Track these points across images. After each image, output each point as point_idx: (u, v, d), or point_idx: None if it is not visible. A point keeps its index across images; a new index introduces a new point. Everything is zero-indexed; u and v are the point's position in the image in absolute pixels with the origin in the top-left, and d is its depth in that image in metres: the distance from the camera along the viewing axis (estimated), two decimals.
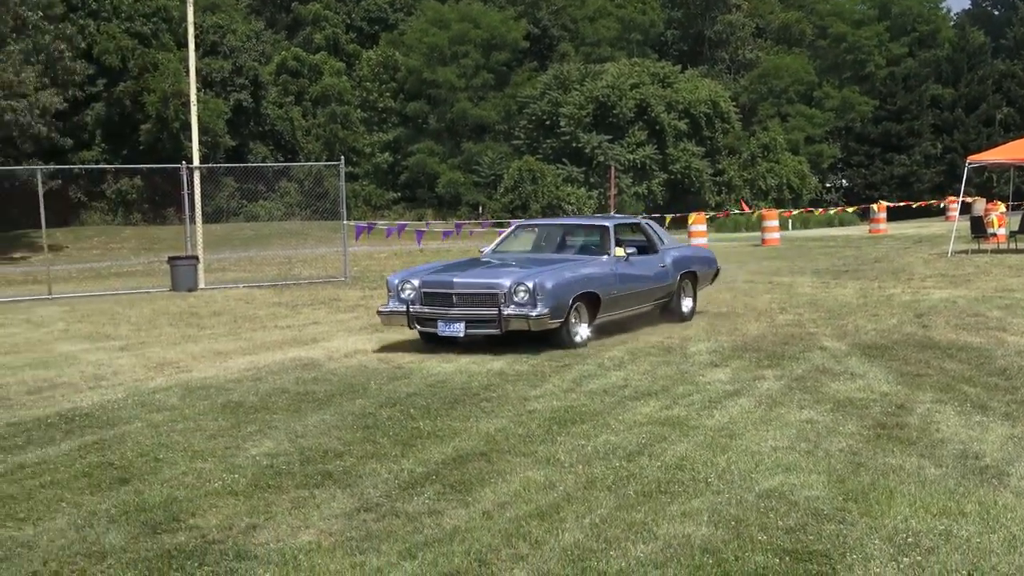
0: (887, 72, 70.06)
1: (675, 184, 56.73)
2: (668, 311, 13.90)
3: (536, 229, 15.20)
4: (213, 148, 48.28)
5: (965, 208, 27.53)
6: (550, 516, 6.02)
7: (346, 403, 9.39)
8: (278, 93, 60.19)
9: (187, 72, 28.59)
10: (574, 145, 56.31)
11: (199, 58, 34.33)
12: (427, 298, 11.69)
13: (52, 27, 43.86)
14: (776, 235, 31.39)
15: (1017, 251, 23.90)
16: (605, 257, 12.85)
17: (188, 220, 24.91)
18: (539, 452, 7.46)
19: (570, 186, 54.40)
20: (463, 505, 6.34)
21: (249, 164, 50.71)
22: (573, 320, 11.77)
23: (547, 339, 11.99)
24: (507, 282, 11.37)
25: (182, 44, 42.07)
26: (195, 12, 27.38)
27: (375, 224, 34.11)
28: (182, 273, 23.22)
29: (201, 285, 23.23)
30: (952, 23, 79.24)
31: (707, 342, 12.23)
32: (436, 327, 11.84)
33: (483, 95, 62.71)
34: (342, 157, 36.05)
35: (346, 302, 19.09)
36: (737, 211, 44.42)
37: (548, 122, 57.80)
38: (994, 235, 24.78)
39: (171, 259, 24.12)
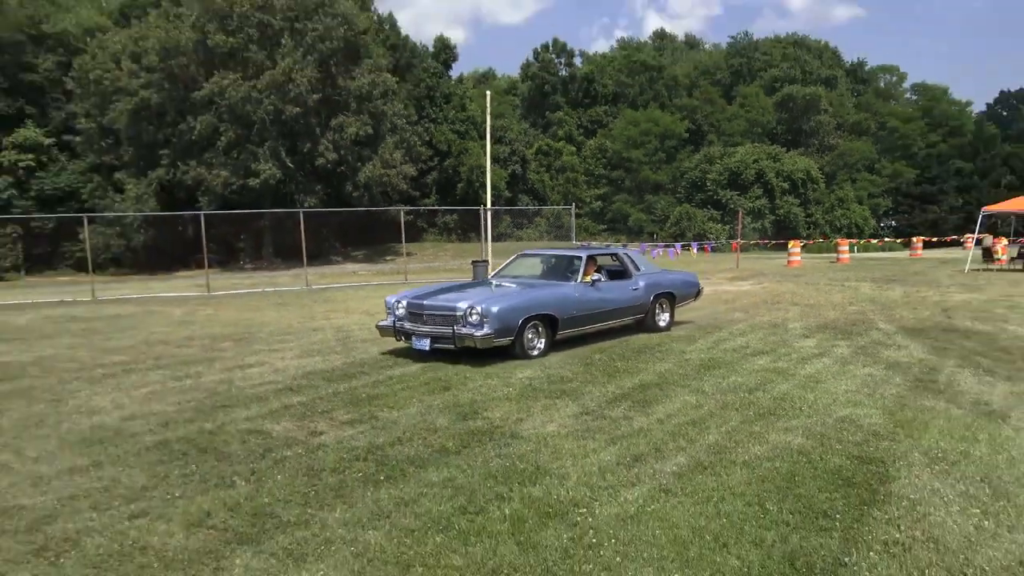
0: (925, 152, 65.27)
1: (779, 222, 54.25)
2: (644, 325, 10.90)
3: (531, 257, 11.82)
4: (497, 198, 49.41)
5: (979, 242, 25.66)
6: (699, 425, 6.04)
7: (573, 349, 9.53)
8: (536, 165, 60.93)
9: (485, 153, 29.37)
10: (714, 198, 54.81)
11: (492, 144, 35.33)
12: (409, 316, 9.51)
13: (410, 127, 45.99)
14: (847, 255, 29.66)
15: (1015, 271, 22.16)
16: (572, 283, 10.00)
17: (483, 239, 25.66)
18: (692, 385, 7.45)
19: (711, 223, 53.03)
20: (644, 415, 6.40)
21: (517, 207, 51.67)
22: (530, 336, 9.09)
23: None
24: (463, 306, 8.88)
25: (482, 137, 43.50)
26: (490, 119, 28.17)
27: (586, 244, 34.62)
28: (479, 270, 23.85)
29: (491, 277, 23.85)
30: (973, 119, 72.65)
31: (800, 322, 11.75)
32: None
33: (659, 166, 61.71)
34: (572, 204, 36.20)
35: None
36: (819, 239, 42.96)
37: (699, 183, 56.45)
38: (999, 259, 23.55)
39: (473, 261, 24.84)
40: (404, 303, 9.62)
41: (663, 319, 11.16)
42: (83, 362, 9.90)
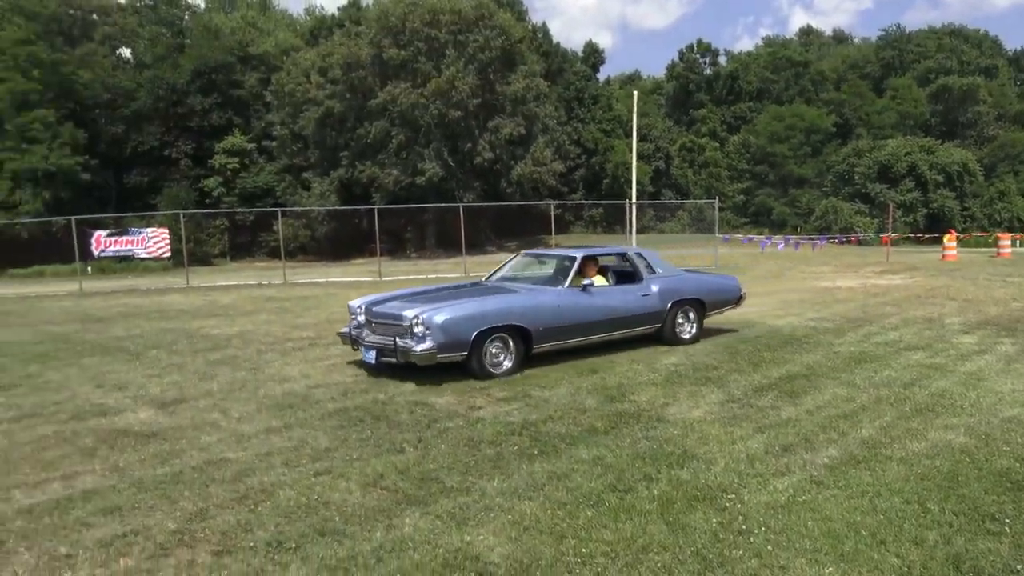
0: None
1: (932, 216, 49.58)
2: (663, 336, 8.70)
3: (529, 258, 9.81)
4: (641, 192, 48.47)
5: None
6: (851, 418, 5.57)
7: (718, 338, 9.13)
8: (680, 161, 59.23)
9: (630, 150, 28.86)
10: (863, 191, 50.89)
11: (637, 142, 34.55)
12: (365, 323, 7.80)
13: (560, 127, 46.04)
14: (1008, 250, 26.62)
15: None
16: (555, 289, 8.01)
17: (628, 231, 25.24)
18: (842, 377, 6.90)
19: (859, 216, 49.28)
20: (792, 405, 6.00)
21: (660, 201, 50.44)
22: (494, 351, 7.24)
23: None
24: (410, 314, 7.06)
25: (627, 135, 42.85)
26: (636, 118, 27.60)
27: (729, 236, 33.18)
28: None
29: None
30: None
31: (959, 317, 10.55)
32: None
33: (804, 160, 58.16)
34: (716, 197, 34.88)
35: None
36: (976, 234, 38.82)
37: (846, 176, 52.59)
38: None
39: None
40: (364, 307, 7.92)
41: (687, 330, 8.87)
42: (276, 336, 10.60)
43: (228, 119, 44.71)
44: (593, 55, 58.55)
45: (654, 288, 8.64)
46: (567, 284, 8.04)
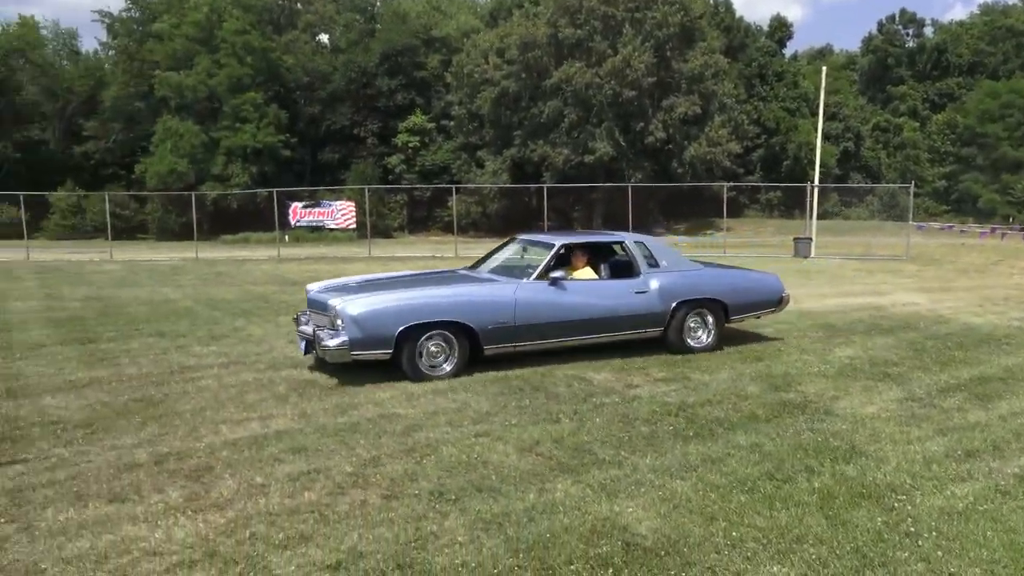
0: None
1: None
2: (667, 342, 7.34)
3: (517, 244, 8.05)
4: (825, 175, 45.32)
5: None
6: None
7: (902, 333, 8.48)
8: (872, 142, 54.69)
9: (816, 130, 27.11)
10: None
11: (824, 121, 32.27)
12: (309, 309, 6.95)
13: (739, 106, 44.06)
14: None
15: None
16: (518, 281, 6.83)
17: (808, 216, 23.86)
18: None
19: None
20: (983, 409, 5.49)
21: (847, 185, 46.90)
22: (433, 350, 6.29)
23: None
24: (336, 303, 6.18)
25: (813, 114, 40.18)
26: (824, 95, 25.85)
27: (925, 225, 30.20)
28: (801, 246, 22.32)
29: (812, 256, 22.11)
30: None
31: None
32: None
33: (1021, 142, 51.58)
34: (911, 182, 31.91)
35: (904, 273, 17.04)
36: None
37: None
38: None
39: (796, 238, 23.31)
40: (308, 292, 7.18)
41: (700, 337, 7.42)
42: None
43: (411, 99, 47.09)
44: (780, 29, 55.30)
45: (653, 285, 7.18)
46: (533, 277, 6.81)
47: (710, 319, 7.49)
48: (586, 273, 7.37)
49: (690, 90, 39.81)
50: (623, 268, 7.47)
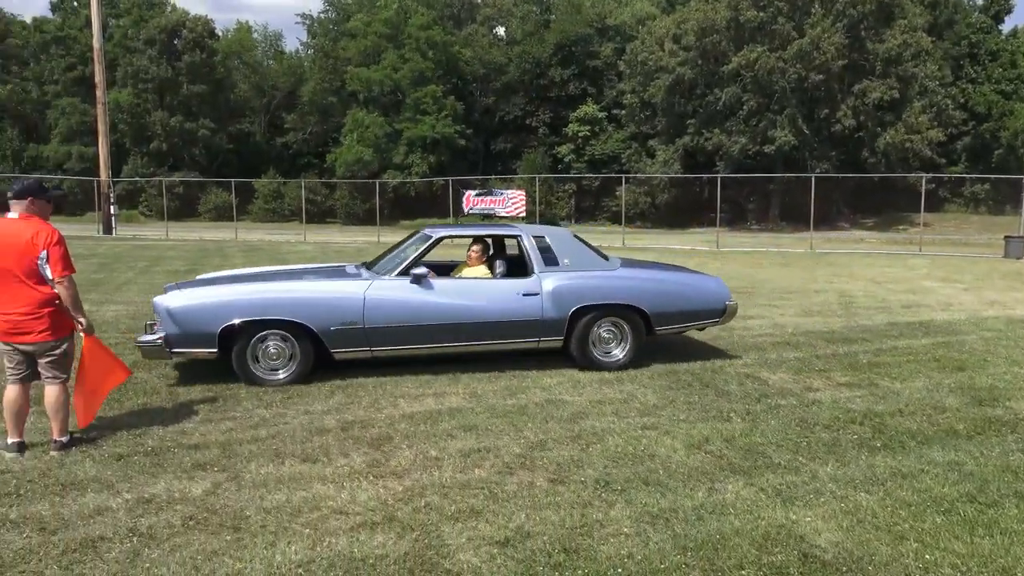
0: None
1: None
2: (571, 355, 6.29)
3: (421, 237, 6.55)
4: None
5: None
6: None
7: None
8: None
9: None
10: None
11: None
12: None
13: (943, 89, 39.93)
14: None
15: None
16: (372, 279, 5.93)
17: (1022, 212, 21.20)
18: None
19: None
20: None
21: None
22: (272, 351, 5.61)
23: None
24: (157, 298, 5.68)
25: None
26: None
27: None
28: (1014, 246, 19.87)
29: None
30: None
31: None
32: None
33: None
34: None
35: None
36: None
37: None
38: None
39: (1007, 237, 20.78)
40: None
41: (612, 351, 6.31)
42: None
43: (583, 89, 47.14)
44: (997, 2, 49.26)
45: (546, 286, 6.09)
46: (394, 274, 6.00)
47: (626, 329, 6.29)
48: (478, 271, 6.50)
49: (886, 73, 36.60)
50: (519, 267, 6.41)
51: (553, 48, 46.79)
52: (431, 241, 6.24)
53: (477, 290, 6.10)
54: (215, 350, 5.53)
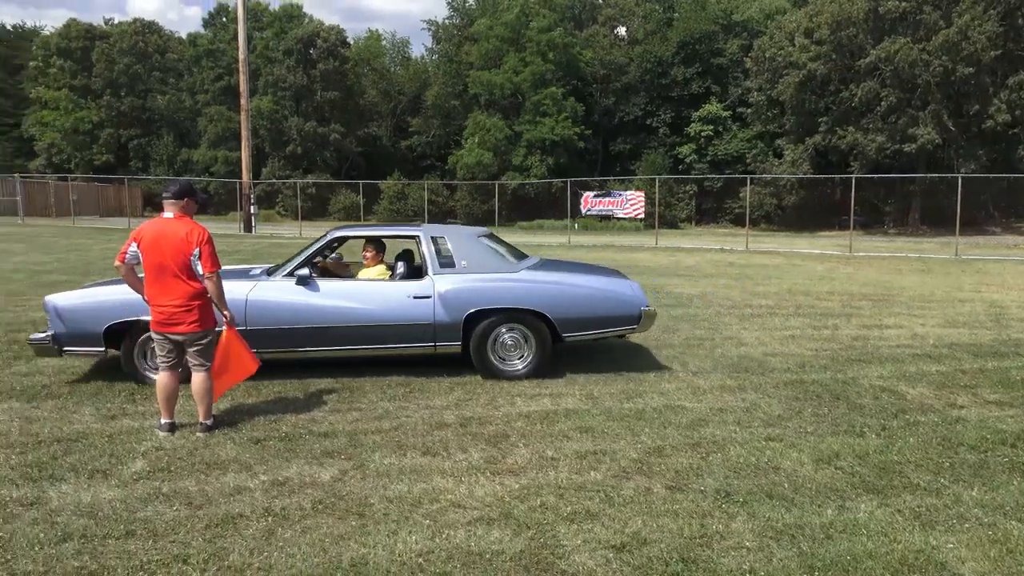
0: None
1: None
2: (476, 361, 5.89)
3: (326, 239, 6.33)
4: None
5: None
6: None
7: None
8: None
9: None
10: None
11: None
12: None
13: None
14: None
15: None
16: (256, 280, 5.78)
17: None
18: None
19: None
20: None
21: None
22: (159, 351, 4.64)
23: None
24: (48, 296, 5.83)
25: None
26: None
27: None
28: None
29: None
30: None
31: None
32: None
33: None
34: None
35: None
36: None
37: None
38: None
39: None
40: None
41: (515, 359, 5.96)
42: (735, 301, 10.73)
43: (706, 88, 45.86)
44: None
45: (438, 288, 5.82)
46: (280, 275, 5.85)
47: (530, 337, 5.94)
48: (375, 272, 6.36)
49: None
50: (416, 268, 6.28)
51: (676, 46, 45.80)
52: (325, 241, 6.16)
53: (364, 292, 5.88)
54: (102, 348, 5.61)
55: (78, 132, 53.32)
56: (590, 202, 40.07)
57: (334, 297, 5.76)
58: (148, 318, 4.86)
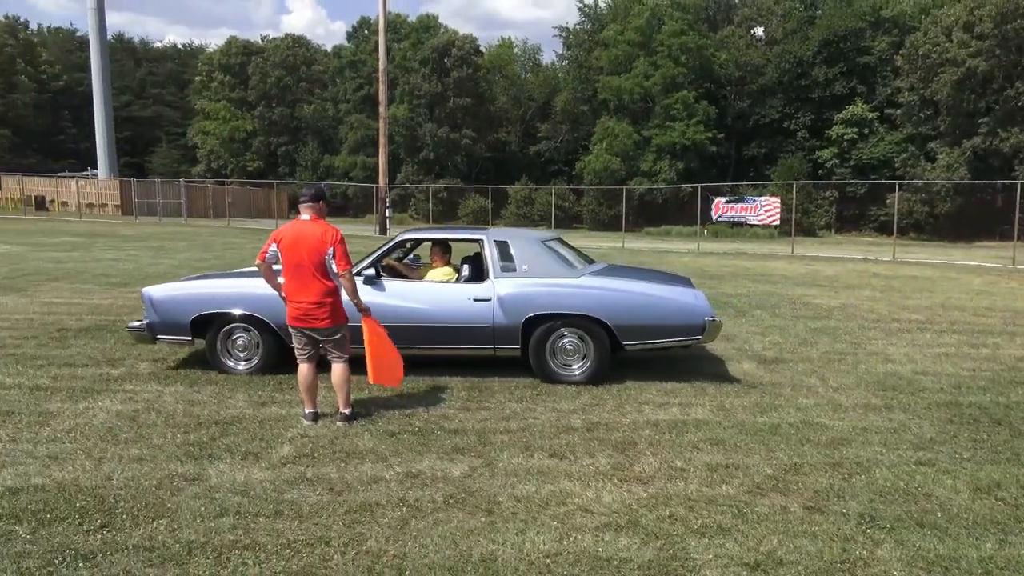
0: None
1: None
2: (535, 366, 5.82)
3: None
4: None
5: None
6: None
7: None
8: None
9: None
10: None
11: None
12: None
13: None
14: None
15: None
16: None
17: None
18: None
19: None
20: None
21: None
22: (239, 342, 5.95)
23: None
24: (145, 288, 6.28)
25: None
26: None
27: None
28: None
29: None
30: None
31: None
32: None
33: None
34: None
35: None
36: None
37: None
38: None
39: None
40: None
41: (574, 365, 5.89)
42: (880, 314, 10.07)
43: (851, 88, 43.32)
44: None
45: (499, 292, 5.84)
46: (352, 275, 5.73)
47: (589, 342, 5.86)
48: (441, 274, 6.46)
49: None
50: (480, 271, 6.22)
51: (818, 45, 43.57)
52: (394, 243, 6.41)
53: (426, 293, 5.99)
54: (190, 338, 6.09)
55: (234, 140, 57.86)
56: (721, 208, 38.86)
57: (397, 297, 5.91)
58: (234, 311, 5.87)
